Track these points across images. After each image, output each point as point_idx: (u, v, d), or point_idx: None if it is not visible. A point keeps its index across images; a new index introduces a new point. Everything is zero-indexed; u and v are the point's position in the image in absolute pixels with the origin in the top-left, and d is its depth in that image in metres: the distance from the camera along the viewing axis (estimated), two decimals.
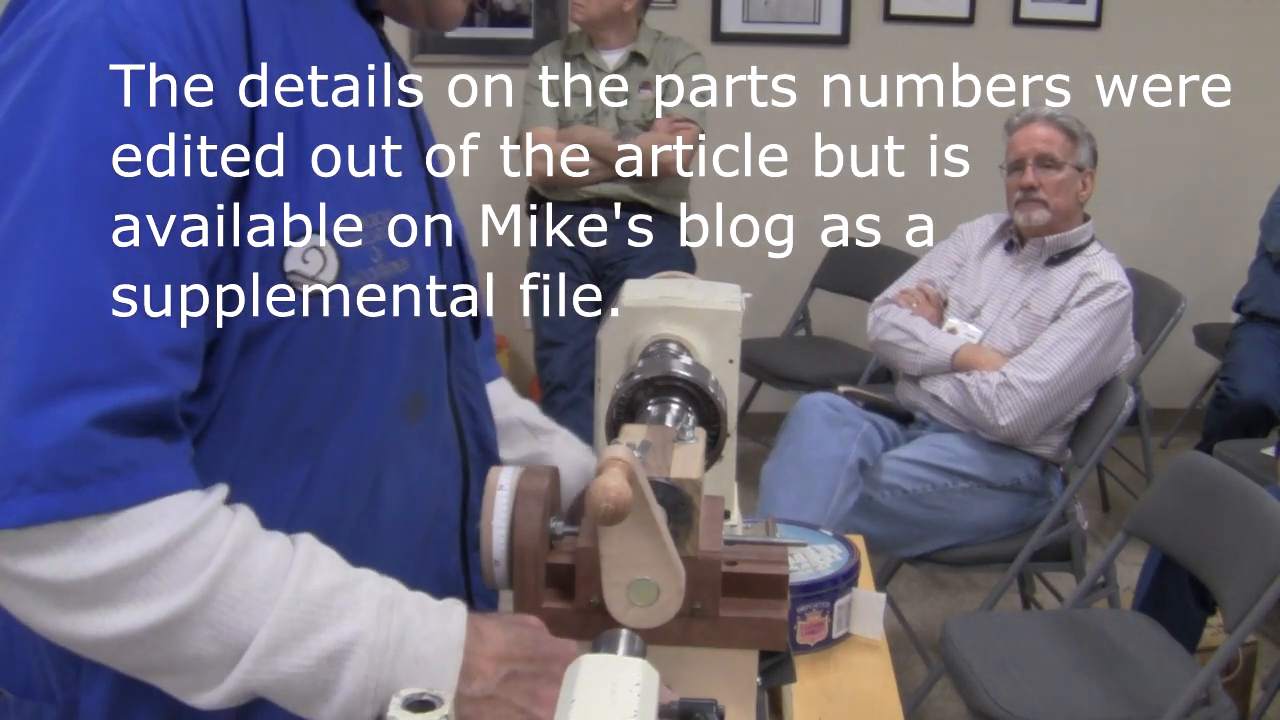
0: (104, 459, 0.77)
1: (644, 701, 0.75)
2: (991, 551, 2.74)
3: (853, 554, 1.55)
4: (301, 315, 0.88)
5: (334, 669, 0.83)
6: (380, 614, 0.85)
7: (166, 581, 0.79)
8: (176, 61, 0.81)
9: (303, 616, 0.82)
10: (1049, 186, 2.78)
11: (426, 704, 0.82)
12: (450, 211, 1.09)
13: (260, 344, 0.87)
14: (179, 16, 0.82)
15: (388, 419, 0.95)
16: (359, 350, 0.92)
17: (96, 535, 0.77)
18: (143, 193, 0.80)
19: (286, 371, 0.88)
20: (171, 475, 0.80)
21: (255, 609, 0.81)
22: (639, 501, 0.85)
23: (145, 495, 0.79)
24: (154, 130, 0.80)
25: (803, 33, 4.29)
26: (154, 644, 0.80)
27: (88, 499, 0.77)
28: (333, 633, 0.83)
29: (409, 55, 4.20)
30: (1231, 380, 3.65)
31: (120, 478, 0.77)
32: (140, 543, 0.78)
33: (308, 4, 0.93)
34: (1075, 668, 2.18)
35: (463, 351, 1.07)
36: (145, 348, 0.79)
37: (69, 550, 0.77)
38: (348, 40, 0.97)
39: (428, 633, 0.87)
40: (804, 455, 2.62)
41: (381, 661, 0.84)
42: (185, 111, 0.81)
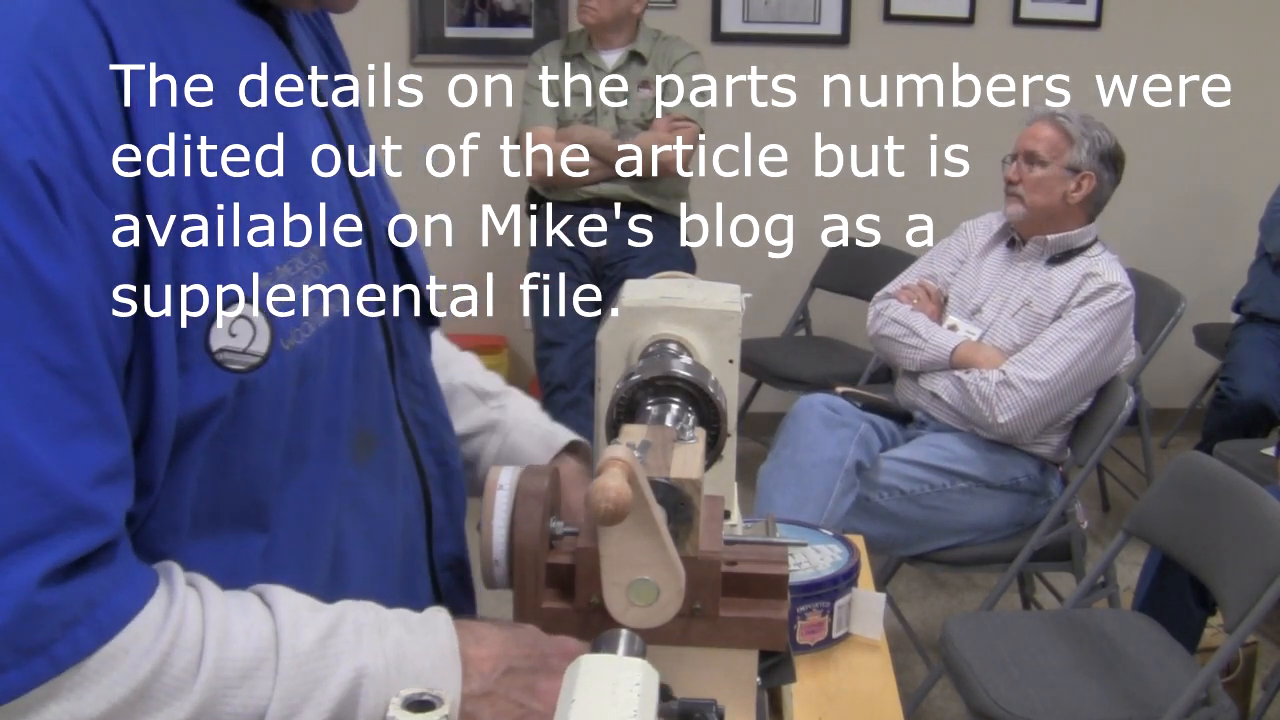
0: (60, 615, 0.72)
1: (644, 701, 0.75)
2: (991, 551, 2.74)
3: (853, 554, 1.55)
4: (239, 392, 0.81)
5: (348, 709, 0.82)
6: (373, 642, 0.84)
7: (163, 700, 0.76)
8: (46, 152, 0.70)
9: (306, 677, 0.81)
10: (1027, 183, 2.80)
11: (426, 704, 0.82)
12: (383, 210, 1.00)
13: (197, 431, 0.80)
14: (36, 91, 0.71)
15: (337, 468, 0.91)
16: (302, 410, 0.86)
17: (76, 683, 0.74)
18: (37, 312, 0.71)
19: (228, 451, 0.83)
20: (131, 594, 0.76)
21: (257, 688, 0.79)
22: (639, 501, 0.85)
23: (111, 630, 0.74)
24: (32, 241, 0.70)
25: (803, 33, 4.29)
26: None
27: (57, 659, 0.72)
28: (337, 679, 0.82)
29: (409, 56, 4.20)
30: (1231, 380, 3.66)
31: (81, 624, 0.73)
32: (124, 675, 0.75)
33: (186, 13, 0.83)
34: (1075, 668, 2.18)
35: (408, 365, 1.01)
36: (75, 487, 0.72)
37: (54, 705, 0.73)
38: (236, 45, 0.87)
39: (419, 649, 0.86)
40: (801, 457, 2.62)
41: (387, 685, 0.83)
42: (63, 207, 0.71)
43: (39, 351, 0.71)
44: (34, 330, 0.71)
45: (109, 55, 0.75)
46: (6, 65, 0.71)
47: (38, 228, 0.71)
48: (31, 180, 0.70)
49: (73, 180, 0.72)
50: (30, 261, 0.70)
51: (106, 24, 0.75)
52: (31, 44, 0.72)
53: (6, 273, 0.70)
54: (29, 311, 0.71)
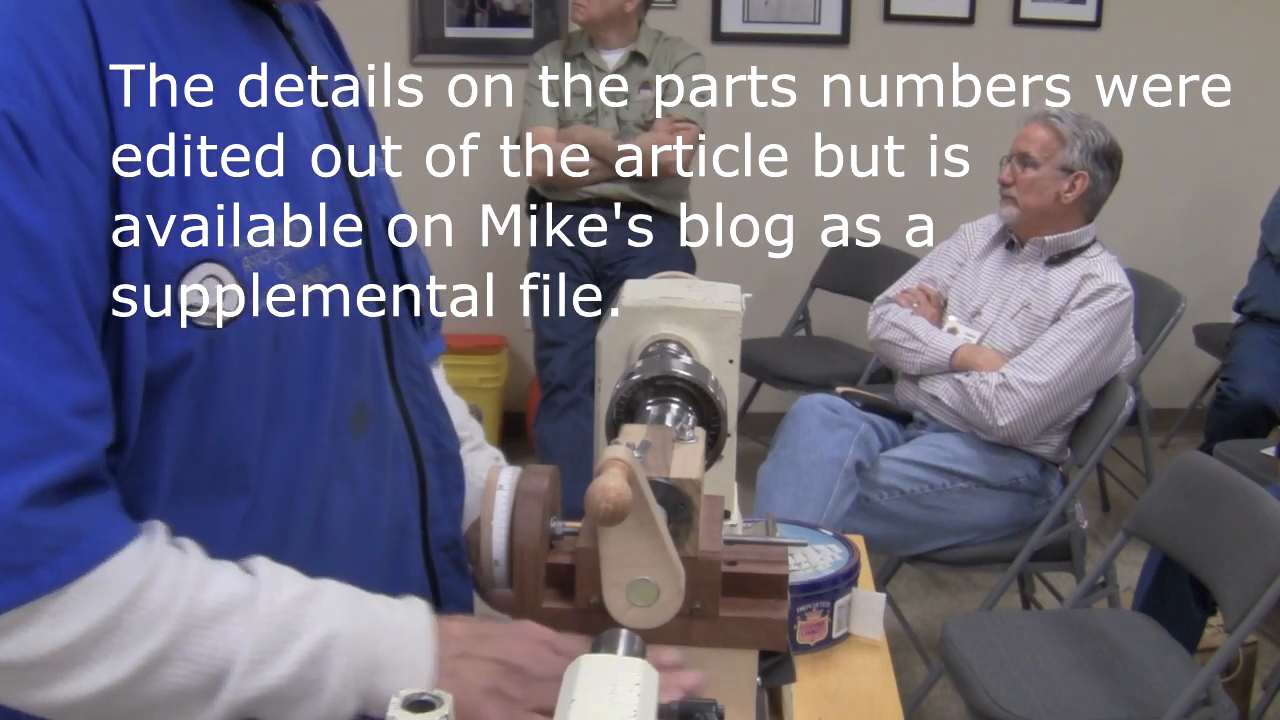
0: (45, 539, 0.75)
1: (644, 701, 0.75)
2: (991, 551, 2.74)
3: (853, 554, 1.55)
4: (209, 348, 0.83)
5: (317, 669, 0.84)
6: (350, 610, 0.86)
7: (135, 631, 0.79)
8: (17, 106, 0.75)
9: (280, 627, 0.83)
10: (1021, 184, 2.81)
11: (426, 704, 0.82)
12: (381, 209, 1.02)
13: (167, 386, 0.83)
14: (15, 53, 0.76)
15: (329, 438, 0.92)
16: (282, 374, 0.88)
17: (55, 610, 0.77)
18: (14, 251, 0.75)
19: (203, 409, 0.85)
20: (114, 533, 0.79)
21: (231, 633, 0.81)
22: (639, 501, 0.85)
23: (93, 561, 0.77)
24: (8, 186, 0.75)
25: (803, 33, 4.29)
26: (135, 691, 0.80)
27: (38, 582, 0.75)
28: (310, 635, 0.84)
29: (409, 55, 4.20)
30: (1232, 381, 3.65)
31: (65, 552, 0.76)
32: (101, 606, 0.77)
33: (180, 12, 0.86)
34: (1075, 668, 2.18)
35: (406, 349, 1.03)
36: (56, 412, 0.76)
37: (31, 629, 0.76)
38: (234, 42, 0.90)
39: (396, 625, 0.88)
40: (800, 457, 2.62)
41: (360, 652, 0.85)
42: (38, 158, 0.75)
43: (16, 289, 0.75)
44: (10, 268, 0.75)
45: (90, 34, 0.79)
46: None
47: (13, 173, 0.75)
48: (7, 131, 0.75)
49: (50, 136, 0.76)
50: (7, 203, 0.75)
51: (89, 6, 0.80)
52: (16, 14, 0.77)
53: None
54: (5, 250, 0.75)
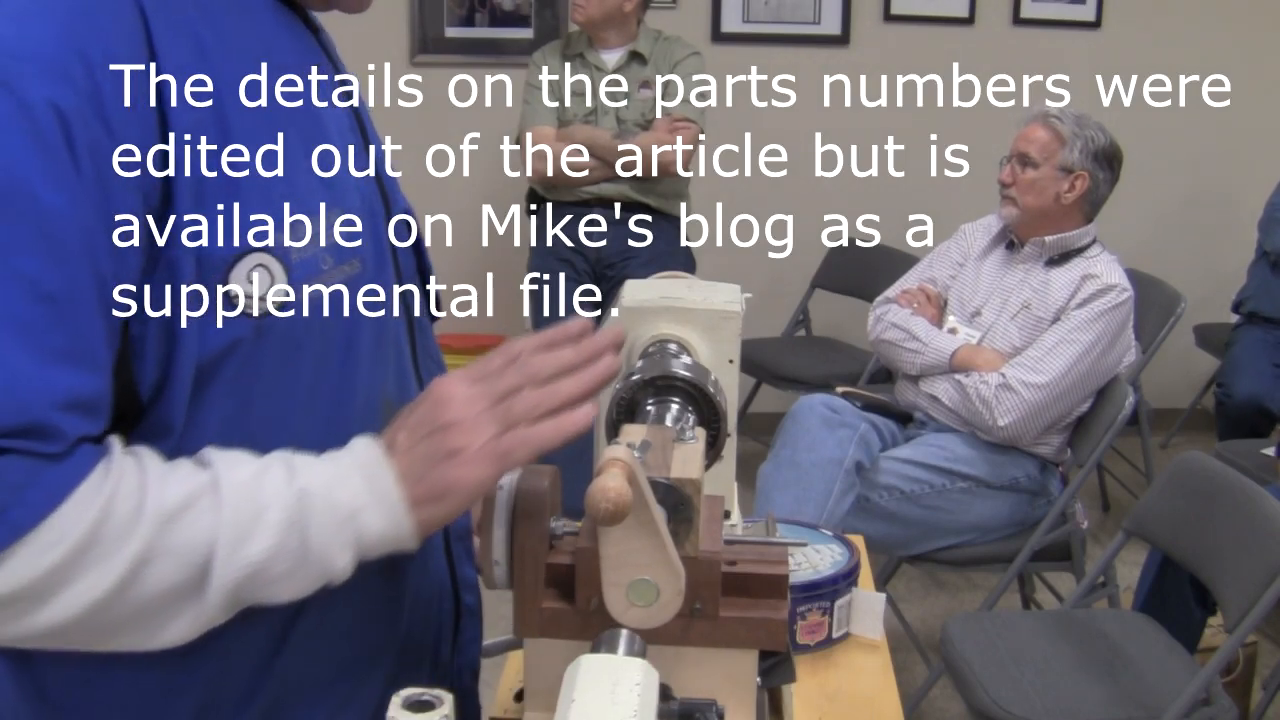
0: (9, 478, 0.75)
1: (644, 701, 0.75)
2: (991, 551, 2.74)
3: (853, 554, 1.55)
4: (255, 337, 0.85)
5: (296, 533, 0.83)
6: (307, 467, 0.86)
7: (113, 540, 0.78)
8: (62, 93, 0.76)
9: (247, 501, 0.82)
10: (1020, 185, 2.81)
11: (426, 704, 0.82)
12: (403, 210, 1.05)
13: (214, 375, 0.85)
14: (63, 42, 0.77)
15: (359, 429, 0.93)
16: (318, 365, 0.90)
17: (31, 541, 0.76)
18: (29, 239, 0.75)
19: (246, 399, 0.87)
20: (80, 463, 0.78)
21: (201, 519, 0.81)
22: (639, 502, 0.85)
23: (63, 492, 0.77)
24: (40, 173, 0.75)
25: (803, 33, 4.29)
26: (125, 598, 0.80)
27: (15, 523, 0.75)
28: (279, 503, 0.83)
29: (409, 55, 4.20)
30: (1226, 386, 3.66)
31: (31, 487, 0.76)
32: (78, 527, 0.77)
33: (223, 7, 0.88)
34: (1075, 668, 2.18)
35: (427, 344, 1.06)
36: (42, 408, 0.76)
37: (10, 561, 0.76)
38: (272, 39, 0.92)
39: (350, 465, 0.87)
40: (800, 457, 2.62)
41: (332, 505, 0.85)
42: (76, 145, 0.76)
43: (30, 276, 0.75)
44: (27, 254, 0.75)
45: (144, 32, 0.81)
46: (43, 19, 0.78)
47: (46, 160, 0.76)
48: (48, 117, 0.76)
49: (89, 124, 0.77)
50: (34, 191, 0.75)
51: (143, 5, 0.82)
52: (70, 7, 0.79)
53: (9, 198, 0.75)
54: (25, 237, 0.75)
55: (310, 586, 0.85)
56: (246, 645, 0.91)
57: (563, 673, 0.81)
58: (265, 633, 0.92)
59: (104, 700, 0.90)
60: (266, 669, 0.93)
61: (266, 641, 0.93)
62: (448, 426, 0.87)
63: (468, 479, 0.87)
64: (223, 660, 0.91)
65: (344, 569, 0.86)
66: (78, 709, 0.90)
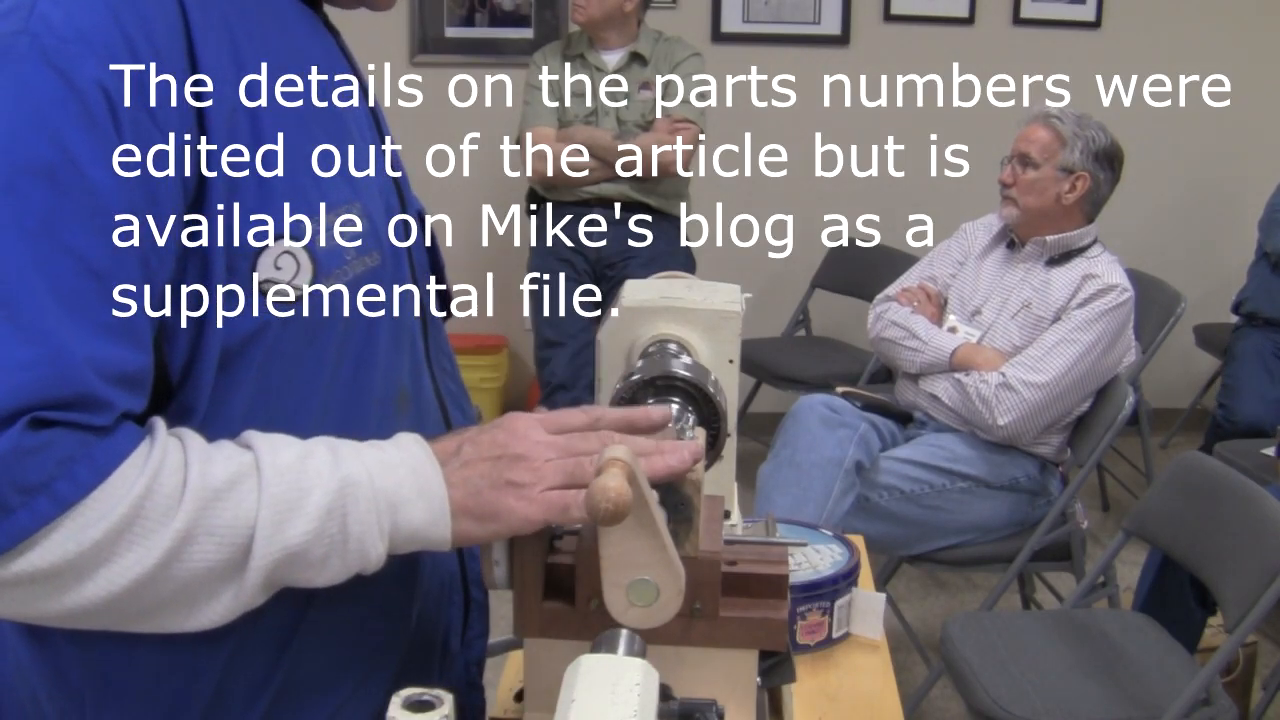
0: (56, 451, 0.75)
1: (644, 701, 0.75)
2: (991, 551, 2.74)
3: (853, 554, 1.55)
4: (280, 324, 0.87)
5: (335, 519, 0.84)
6: (352, 457, 0.86)
7: (157, 517, 0.79)
8: (108, 74, 0.78)
9: (290, 485, 0.83)
10: (1021, 185, 2.81)
11: (426, 704, 0.82)
12: (416, 209, 1.08)
13: (240, 359, 0.86)
14: (110, 26, 0.79)
15: (377, 420, 0.95)
16: (343, 354, 0.92)
17: (77, 514, 0.76)
18: (80, 216, 0.77)
19: (270, 384, 0.88)
20: (125, 440, 0.79)
21: (244, 500, 0.81)
22: (639, 502, 0.85)
23: (108, 467, 0.77)
24: (88, 150, 0.77)
25: (803, 33, 4.29)
26: (167, 576, 0.80)
27: (60, 496, 0.76)
28: (321, 489, 0.84)
29: (409, 55, 4.20)
30: (1228, 409, 3.64)
31: (79, 461, 0.76)
32: (122, 502, 0.77)
33: (254, 7, 0.91)
34: (1075, 668, 2.18)
35: (439, 338, 1.09)
36: (90, 379, 0.77)
37: (57, 534, 0.76)
38: (298, 38, 0.95)
39: (397, 459, 0.88)
40: (800, 458, 2.62)
41: (375, 494, 0.85)
42: (122, 126, 0.79)
43: (80, 251, 0.77)
44: (78, 230, 0.77)
45: (184, 29, 0.83)
46: (90, 3, 0.80)
47: (96, 139, 0.78)
48: (96, 97, 0.78)
49: (135, 107, 0.79)
50: (83, 168, 0.77)
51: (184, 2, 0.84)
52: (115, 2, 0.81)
53: (59, 175, 0.76)
54: (76, 213, 0.77)
55: (346, 573, 0.86)
56: (262, 631, 0.92)
57: (563, 673, 0.81)
58: (280, 620, 0.92)
59: (123, 686, 0.91)
60: (280, 656, 0.94)
61: (281, 629, 0.93)
62: (517, 459, 0.88)
63: (519, 513, 0.87)
64: (240, 645, 0.91)
65: (378, 558, 0.86)
66: (98, 694, 0.90)
